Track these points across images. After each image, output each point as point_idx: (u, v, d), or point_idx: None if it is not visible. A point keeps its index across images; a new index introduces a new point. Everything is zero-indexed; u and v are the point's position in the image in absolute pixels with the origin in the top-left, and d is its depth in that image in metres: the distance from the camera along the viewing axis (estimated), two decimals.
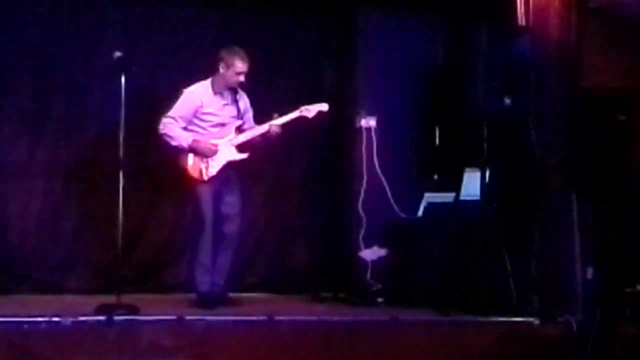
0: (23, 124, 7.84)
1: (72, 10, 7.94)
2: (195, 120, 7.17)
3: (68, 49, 7.93)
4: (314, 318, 6.75)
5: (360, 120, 8.65)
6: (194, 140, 7.10)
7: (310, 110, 7.29)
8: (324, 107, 7.35)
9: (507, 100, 7.40)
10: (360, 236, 8.46)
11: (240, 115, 7.25)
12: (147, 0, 8.15)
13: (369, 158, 8.59)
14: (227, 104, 7.24)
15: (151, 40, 8.14)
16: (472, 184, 7.75)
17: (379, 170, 8.58)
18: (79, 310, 6.32)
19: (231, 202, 7.22)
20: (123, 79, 6.55)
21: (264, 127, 7.23)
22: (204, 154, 7.11)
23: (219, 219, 7.16)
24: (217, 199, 7.16)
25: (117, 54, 6.69)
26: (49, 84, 7.88)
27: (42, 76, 7.86)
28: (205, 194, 7.11)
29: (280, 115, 7.26)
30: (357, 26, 8.70)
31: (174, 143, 7.16)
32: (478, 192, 7.51)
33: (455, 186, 8.01)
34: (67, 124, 7.95)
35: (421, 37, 8.83)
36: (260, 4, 8.37)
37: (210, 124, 7.18)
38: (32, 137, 7.85)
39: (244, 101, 7.34)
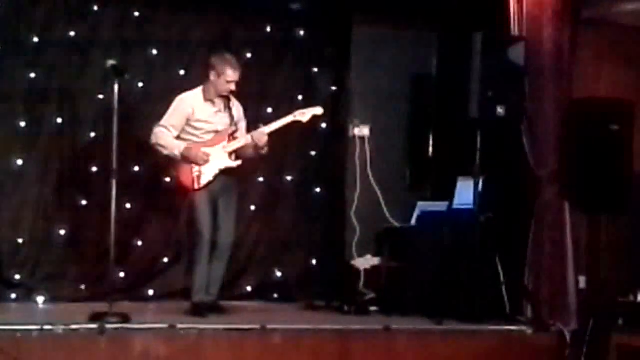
0: (16, 131, 7.81)
1: (66, 17, 7.93)
2: (188, 128, 7.14)
3: (62, 57, 7.91)
4: (307, 327, 6.74)
5: (353, 129, 8.66)
6: (185, 149, 7.07)
7: (305, 114, 7.25)
8: (318, 111, 7.31)
9: (500, 110, 7.40)
10: (354, 245, 8.48)
11: (233, 123, 7.23)
12: (142, 8, 8.14)
13: (362, 167, 8.61)
14: (219, 112, 7.21)
15: (145, 47, 8.13)
16: (465, 192, 7.76)
17: (372, 179, 8.59)
18: (71, 318, 6.30)
19: (226, 213, 7.17)
20: (116, 87, 6.53)
21: (250, 136, 7.20)
22: (196, 162, 7.08)
23: (214, 228, 7.12)
24: (214, 207, 7.13)
25: (111, 61, 6.68)
26: (42, 91, 7.86)
27: (35, 83, 7.84)
28: (202, 202, 7.07)
29: (270, 122, 7.23)
30: (350, 35, 8.71)
31: (165, 152, 7.13)
32: (471, 201, 7.51)
33: (449, 195, 8.02)
34: (60, 131, 7.93)
35: (415, 47, 8.86)
36: (254, 13, 8.37)
37: (202, 131, 7.15)
38: (25, 144, 7.83)
39: (237, 109, 7.32)
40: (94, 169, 7.84)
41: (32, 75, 7.83)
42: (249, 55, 8.32)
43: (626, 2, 7.79)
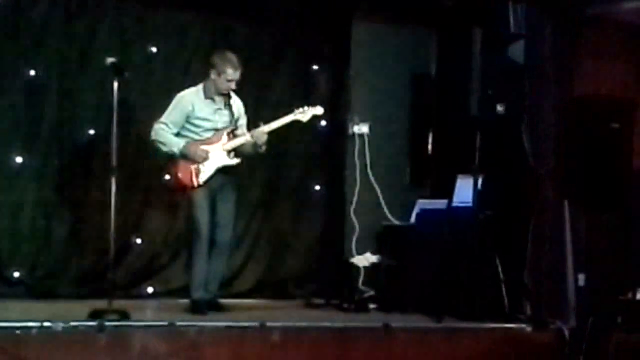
0: (15, 129, 7.80)
1: (66, 15, 7.91)
2: (188, 126, 7.14)
3: (61, 54, 7.90)
4: (306, 324, 6.74)
5: (353, 127, 8.66)
6: (184, 146, 7.07)
7: (305, 114, 7.25)
8: (318, 110, 7.31)
9: (500, 108, 7.41)
10: (353, 242, 8.48)
11: (233, 121, 7.22)
12: (141, 5, 8.13)
13: (362, 164, 8.61)
14: (219, 109, 7.21)
15: (144, 45, 8.13)
16: (464, 190, 7.76)
17: (371, 177, 8.59)
18: (70, 315, 6.28)
19: (225, 211, 7.17)
20: (116, 85, 6.53)
21: (250, 135, 7.19)
22: (194, 160, 7.08)
23: (213, 226, 7.12)
24: (213, 205, 7.13)
25: (110, 59, 6.68)
26: (42, 89, 7.84)
27: (34, 81, 7.82)
28: (200, 200, 7.07)
29: (271, 120, 7.23)
30: (350, 33, 8.71)
31: (165, 149, 7.12)
32: (470, 199, 7.52)
33: (448, 193, 8.02)
34: (60, 129, 7.91)
35: (414, 44, 8.85)
36: (254, 11, 8.36)
37: (202, 129, 7.14)
38: (25, 142, 7.81)
39: (237, 107, 7.31)
40: (94, 166, 7.82)
41: (32, 72, 7.80)
42: (248, 52, 8.30)
43: (626, 0, 7.79)
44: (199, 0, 8.21)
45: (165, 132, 7.09)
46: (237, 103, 7.30)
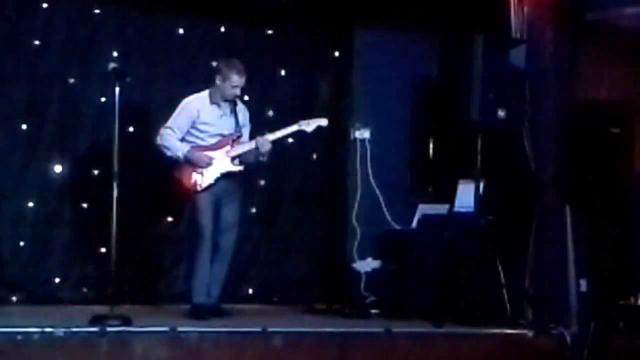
0: (17, 134, 7.81)
1: (68, 22, 7.93)
2: (193, 131, 7.16)
3: (62, 61, 7.91)
4: (308, 330, 6.75)
5: (354, 132, 8.66)
6: (189, 151, 7.09)
7: (310, 124, 7.27)
8: (323, 122, 7.32)
9: (501, 113, 7.41)
10: (354, 248, 8.47)
11: (238, 127, 7.24)
12: (143, 13, 8.14)
13: (363, 169, 8.61)
14: (224, 115, 7.23)
15: (146, 52, 8.14)
16: (466, 195, 7.76)
17: (373, 182, 8.59)
18: (72, 321, 6.30)
19: (229, 215, 7.20)
20: (117, 91, 6.54)
21: (254, 142, 7.21)
22: (198, 165, 7.10)
23: (216, 230, 7.14)
24: (216, 210, 7.14)
25: (112, 65, 6.69)
26: (43, 95, 7.86)
27: (36, 87, 7.84)
28: (204, 205, 7.08)
29: (275, 130, 7.25)
30: (351, 38, 8.72)
31: (169, 154, 7.15)
32: (472, 204, 7.52)
33: (450, 198, 8.02)
34: (61, 135, 7.93)
35: (415, 50, 8.85)
36: (255, 18, 8.37)
37: (207, 134, 7.17)
38: (27, 147, 7.83)
39: (243, 114, 7.33)
40: (95, 171, 7.84)
41: (34, 78, 7.83)
42: (250, 58, 8.30)
43: (627, 6, 7.80)
44: (200, 7, 8.22)
45: (170, 137, 7.12)
46: (242, 111, 7.33)
